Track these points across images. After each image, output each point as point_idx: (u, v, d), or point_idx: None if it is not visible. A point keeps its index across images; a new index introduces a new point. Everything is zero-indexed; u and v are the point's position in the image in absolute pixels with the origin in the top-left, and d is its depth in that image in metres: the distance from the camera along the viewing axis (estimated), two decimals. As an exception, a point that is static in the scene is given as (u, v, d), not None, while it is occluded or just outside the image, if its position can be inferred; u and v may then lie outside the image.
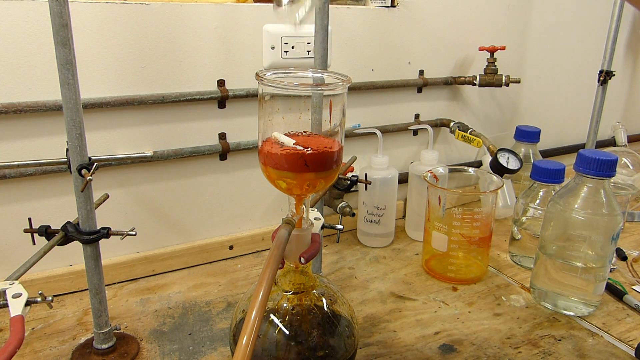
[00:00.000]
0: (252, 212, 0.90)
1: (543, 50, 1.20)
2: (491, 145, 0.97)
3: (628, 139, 1.43)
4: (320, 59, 0.67)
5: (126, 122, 0.75)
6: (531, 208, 0.81)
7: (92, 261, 0.59)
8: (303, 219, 0.53)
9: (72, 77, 0.51)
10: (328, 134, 0.53)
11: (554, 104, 1.29)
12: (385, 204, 0.91)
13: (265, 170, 0.51)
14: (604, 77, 1.08)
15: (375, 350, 0.64)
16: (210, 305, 0.74)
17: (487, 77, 1.03)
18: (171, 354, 0.63)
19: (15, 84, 0.67)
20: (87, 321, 0.69)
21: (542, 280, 0.75)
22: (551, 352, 0.65)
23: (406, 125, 1.01)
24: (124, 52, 0.72)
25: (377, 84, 0.95)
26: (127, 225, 0.78)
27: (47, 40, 0.66)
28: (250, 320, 0.37)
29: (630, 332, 0.69)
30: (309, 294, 0.56)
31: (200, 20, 0.76)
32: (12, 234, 0.72)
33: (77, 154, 0.54)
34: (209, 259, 0.87)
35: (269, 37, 0.80)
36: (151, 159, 0.77)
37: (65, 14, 0.49)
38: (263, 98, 0.49)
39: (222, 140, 0.83)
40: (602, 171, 0.67)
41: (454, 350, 0.65)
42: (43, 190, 0.72)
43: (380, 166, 0.90)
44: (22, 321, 0.46)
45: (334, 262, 0.87)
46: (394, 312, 0.73)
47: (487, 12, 1.07)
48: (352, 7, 0.90)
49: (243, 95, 0.82)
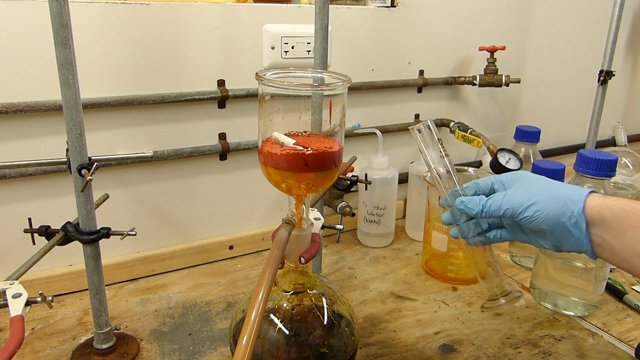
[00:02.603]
0: (252, 212, 0.90)
1: (543, 50, 1.20)
2: (491, 145, 0.97)
3: (628, 139, 1.43)
4: (320, 59, 0.67)
5: (126, 122, 0.75)
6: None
7: (92, 261, 0.59)
8: (303, 219, 0.53)
9: (72, 77, 0.51)
10: (328, 134, 0.53)
11: (554, 104, 1.29)
12: (385, 204, 0.91)
13: (265, 170, 0.51)
14: (604, 77, 1.08)
15: (375, 350, 0.64)
16: (210, 305, 0.74)
17: (487, 77, 1.03)
18: (171, 354, 0.63)
19: (15, 84, 0.67)
20: (87, 321, 0.69)
21: (542, 280, 0.75)
22: (551, 352, 0.65)
23: (406, 125, 1.01)
24: (124, 52, 0.72)
25: (377, 84, 0.95)
26: (127, 225, 0.78)
27: (47, 40, 0.66)
28: (250, 320, 0.37)
29: (630, 332, 0.69)
30: (309, 294, 0.56)
31: (200, 20, 0.76)
32: (12, 234, 0.72)
33: (77, 154, 0.54)
34: (209, 259, 0.87)
35: (269, 37, 0.80)
36: (151, 159, 0.76)
37: (65, 14, 0.49)
38: (263, 98, 0.49)
39: (222, 140, 0.83)
40: (602, 171, 0.67)
41: (454, 350, 0.65)
42: (43, 190, 0.72)
43: (380, 166, 0.90)
44: (22, 321, 0.46)
45: (334, 262, 0.87)
46: (394, 312, 0.73)
47: (487, 12, 1.07)
48: (352, 7, 0.90)
49: (243, 95, 0.82)
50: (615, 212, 0.44)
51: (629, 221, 0.43)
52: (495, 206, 0.50)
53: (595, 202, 0.45)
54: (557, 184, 0.50)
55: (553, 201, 0.47)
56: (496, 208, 0.50)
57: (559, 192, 0.47)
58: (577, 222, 0.46)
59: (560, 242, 0.48)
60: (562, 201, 0.46)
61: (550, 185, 0.49)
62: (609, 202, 0.45)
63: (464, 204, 0.53)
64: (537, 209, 0.47)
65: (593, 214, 0.45)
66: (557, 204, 0.47)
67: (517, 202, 0.49)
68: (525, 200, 0.48)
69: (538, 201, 0.48)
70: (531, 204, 0.48)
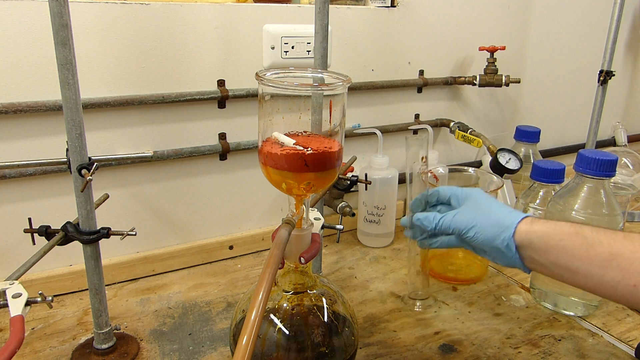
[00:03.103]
0: (252, 212, 0.90)
1: (543, 50, 1.20)
2: (491, 145, 0.97)
3: (628, 139, 1.43)
4: (320, 59, 0.67)
5: (126, 122, 0.75)
6: (531, 208, 0.81)
7: (92, 261, 0.59)
8: (303, 219, 0.53)
9: (72, 77, 0.51)
10: (328, 134, 0.53)
11: (554, 104, 1.29)
12: (385, 204, 0.91)
13: (265, 170, 0.51)
14: (604, 77, 1.08)
15: (375, 350, 0.64)
16: (210, 305, 0.74)
17: (487, 77, 1.03)
18: (171, 354, 0.63)
19: (15, 84, 0.67)
20: (87, 321, 0.69)
21: (542, 280, 0.75)
22: (551, 352, 0.65)
23: (406, 125, 1.01)
24: (124, 52, 0.72)
25: (377, 84, 0.95)
26: (127, 225, 0.78)
27: (47, 40, 0.66)
28: (250, 320, 0.37)
29: (630, 332, 0.69)
30: (309, 294, 0.56)
31: (200, 20, 0.76)
32: (12, 234, 0.72)
33: (77, 154, 0.54)
34: (209, 259, 0.87)
35: (269, 37, 0.80)
36: (151, 159, 0.76)
37: (65, 14, 0.49)
38: (263, 98, 0.49)
39: (222, 140, 0.83)
40: (602, 171, 0.67)
41: (454, 350, 0.65)
42: (43, 190, 0.72)
43: (380, 166, 0.90)
44: (22, 321, 0.46)
45: (334, 262, 0.87)
46: (394, 312, 0.73)
47: (487, 12, 1.07)
48: (352, 7, 0.90)
49: (243, 95, 0.82)
50: (540, 235, 0.52)
51: (551, 241, 0.51)
52: (445, 225, 0.60)
53: (524, 227, 0.53)
54: (498, 209, 0.57)
55: (490, 225, 0.55)
56: (446, 227, 0.59)
57: (497, 217, 0.55)
58: (508, 245, 0.53)
59: (497, 259, 0.57)
60: (498, 226, 0.55)
61: (492, 209, 0.57)
62: (536, 227, 0.53)
63: (420, 220, 0.62)
64: (477, 232, 0.56)
65: (522, 238, 0.53)
66: (494, 228, 0.55)
67: (463, 224, 0.58)
68: (469, 222, 0.57)
69: (478, 224, 0.56)
70: (472, 226, 0.57)
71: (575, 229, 0.51)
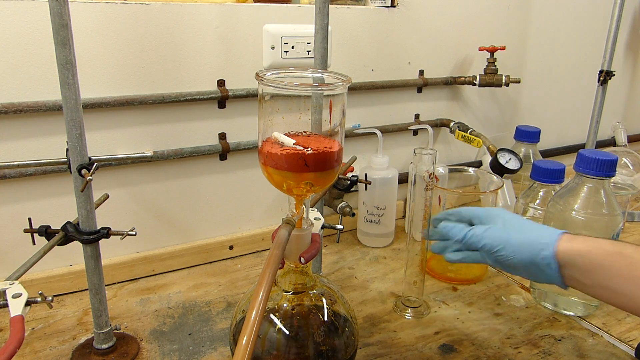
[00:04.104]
0: (252, 212, 0.90)
1: (543, 50, 1.20)
2: (491, 145, 0.97)
3: (628, 139, 1.43)
4: (320, 59, 0.67)
5: (126, 122, 0.75)
6: (531, 208, 0.81)
7: (92, 261, 0.59)
8: (303, 219, 0.53)
9: (72, 77, 0.51)
10: (328, 134, 0.53)
11: (554, 104, 1.29)
12: (385, 204, 0.91)
13: (265, 170, 0.51)
14: (604, 77, 1.08)
15: (375, 350, 0.64)
16: (210, 305, 0.74)
17: (487, 77, 1.03)
18: (171, 354, 0.63)
19: (15, 84, 0.67)
20: (87, 321, 0.69)
21: (542, 280, 0.75)
22: (551, 352, 0.65)
23: (406, 125, 1.01)
24: (124, 52, 0.72)
25: (377, 84, 0.95)
26: (127, 225, 0.78)
27: (47, 40, 0.66)
28: (250, 320, 0.37)
29: (630, 332, 0.69)
30: (309, 294, 0.56)
31: (200, 20, 0.76)
32: (12, 234, 0.72)
33: (77, 154, 0.54)
34: (209, 259, 0.87)
35: (269, 37, 0.80)
36: (151, 159, 0.76)
37: (65, 14, 0.49)
38: (263, 98, 0.49)
39: (222, 140, 0.83)
40: (602, 171, 0.67)
41: (454, 350, 0.65)
42: (43, 190, 0.72)
43: (380, 166, 0.90)
44: (22, 321, 0.46)
45: (334, 262, 0.87)
46: (394, 312, 0.73)
47: (487, 12, 1.07)
48: (352, 7, 0.90)
49: (243, 95, 0.82)
50: (583, 254, 0.50)
51: (594, 261, 0.50)
52: (475, 239, 0.56)
53: (565, 245, 0.51)
54: (532, 226, 0.55)
55: (526, 244, 0.53)
56: (476, 241, 0.56)
57: (532, 234, 0.53)
58: (549, 264, 0.51)
59: (533, 277, 0.54)
60: (536, 244, 0.52)
61: (525, 227, 0.55)
62: (577, 245, 0.51)
63: (448, 228, 0.59)
64: (513, 250, 0.53)
65: (563, 257, 0.51)
66: (530, 247, 0.52)
67: (496, 241, 0.54)
68: (501, 239, 0.54)
69: (512, 242, 0.53)
70: (505, 244, 0.54)
71: (617, 248, 0.50)
